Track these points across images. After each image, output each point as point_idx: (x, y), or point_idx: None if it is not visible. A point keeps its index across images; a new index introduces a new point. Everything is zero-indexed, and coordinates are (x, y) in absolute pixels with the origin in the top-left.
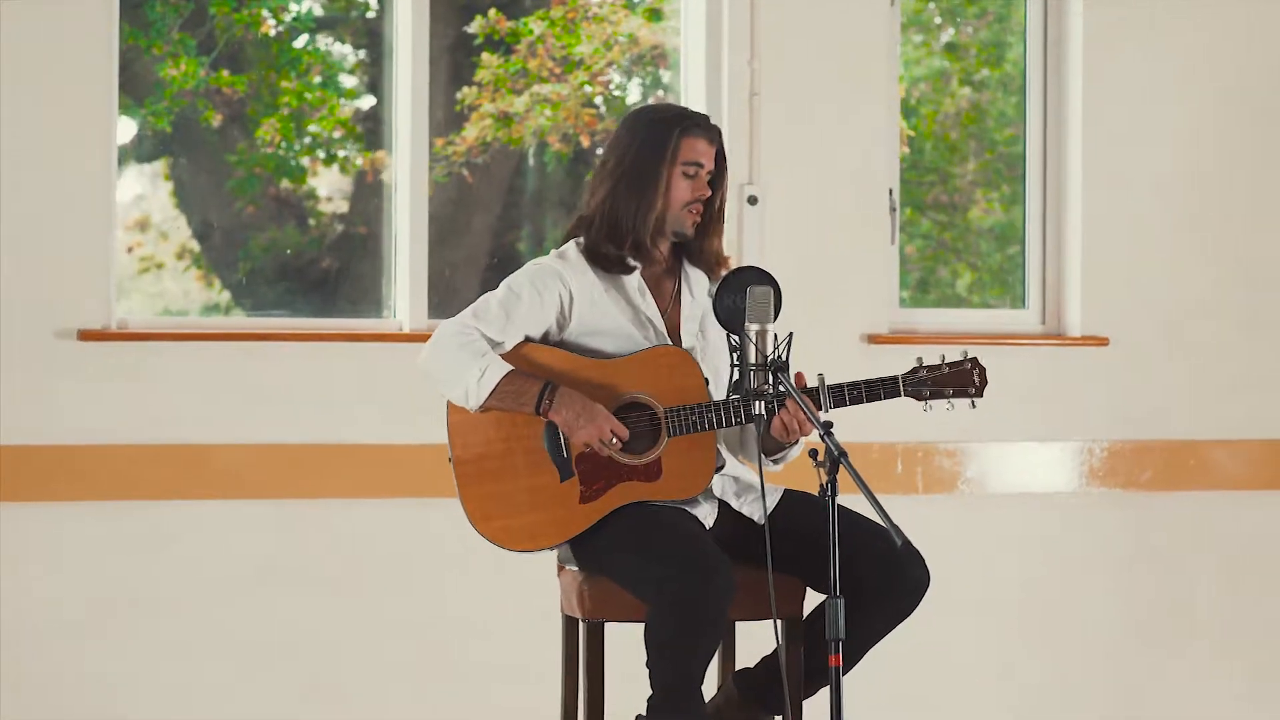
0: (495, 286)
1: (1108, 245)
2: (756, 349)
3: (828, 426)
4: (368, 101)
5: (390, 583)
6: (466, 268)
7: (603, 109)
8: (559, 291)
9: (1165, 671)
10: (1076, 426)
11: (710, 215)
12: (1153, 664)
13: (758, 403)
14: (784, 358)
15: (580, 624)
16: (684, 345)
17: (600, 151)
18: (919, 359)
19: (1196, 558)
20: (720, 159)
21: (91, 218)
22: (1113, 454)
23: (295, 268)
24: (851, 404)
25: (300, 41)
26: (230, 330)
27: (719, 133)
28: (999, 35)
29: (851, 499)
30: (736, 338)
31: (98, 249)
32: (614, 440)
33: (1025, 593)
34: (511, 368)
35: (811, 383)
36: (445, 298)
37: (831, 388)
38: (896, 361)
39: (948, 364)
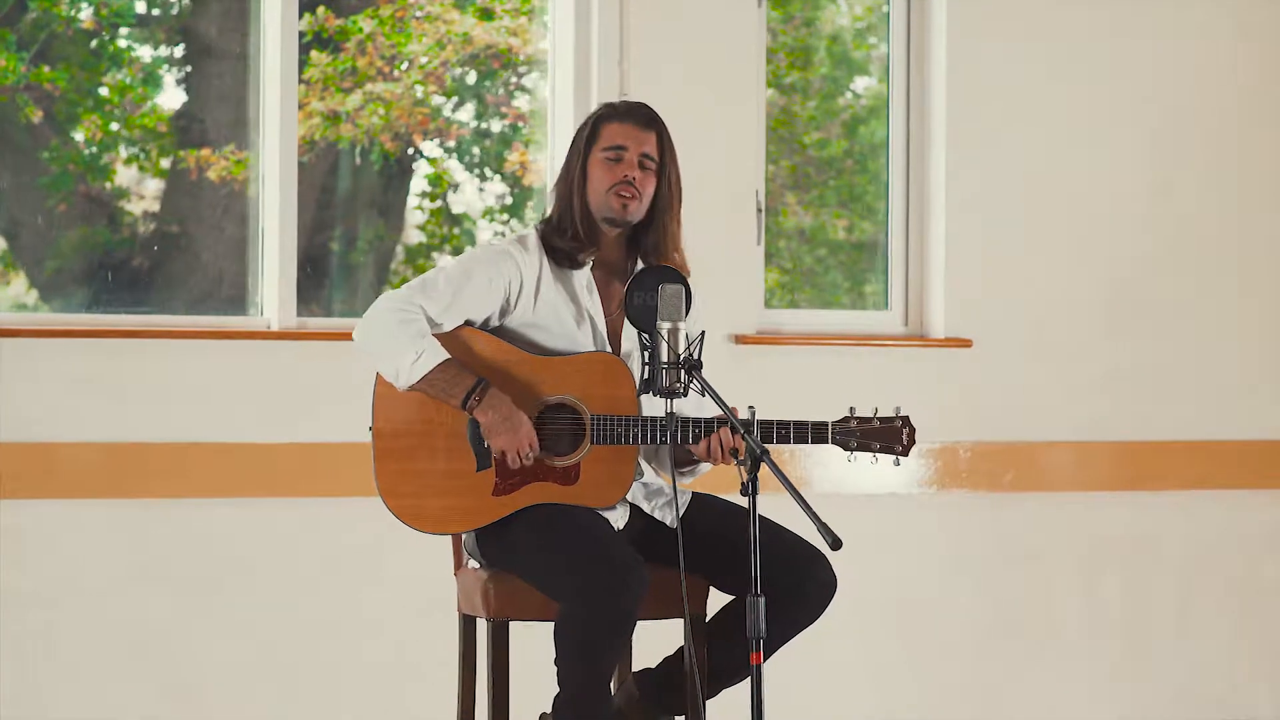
0: (308, 287)
1: (970, 247)
2: (669, 347)
3: (747, 427)
4: (177, 99)
5: (252, 583)
6: None
7: (430, 107)
8: (509, 277)
9: (1026, 671)
10: (940, 428)
11: (657, 205)
12: (1014, 664)
13: (671, 399)
14: (697, 356)
15: (483, 623)
16: (622, 350)
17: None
18: (851, 408)
19: (1057, 559)
20: (664, 147)
21: None
22: (976, 455)
23: (106, 266)
24: (778, 442)
25: (120, 39)
26: (95, 328)
27: (652, 119)
28: (805, 40)
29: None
30: (648, 336)
31: None
32: (529, 456)
33: (887, 593)
34: (448, 356)
35: (743, 415)
36: None
37: (761, 423)
38: (765, 362)
39: (879, 418)
